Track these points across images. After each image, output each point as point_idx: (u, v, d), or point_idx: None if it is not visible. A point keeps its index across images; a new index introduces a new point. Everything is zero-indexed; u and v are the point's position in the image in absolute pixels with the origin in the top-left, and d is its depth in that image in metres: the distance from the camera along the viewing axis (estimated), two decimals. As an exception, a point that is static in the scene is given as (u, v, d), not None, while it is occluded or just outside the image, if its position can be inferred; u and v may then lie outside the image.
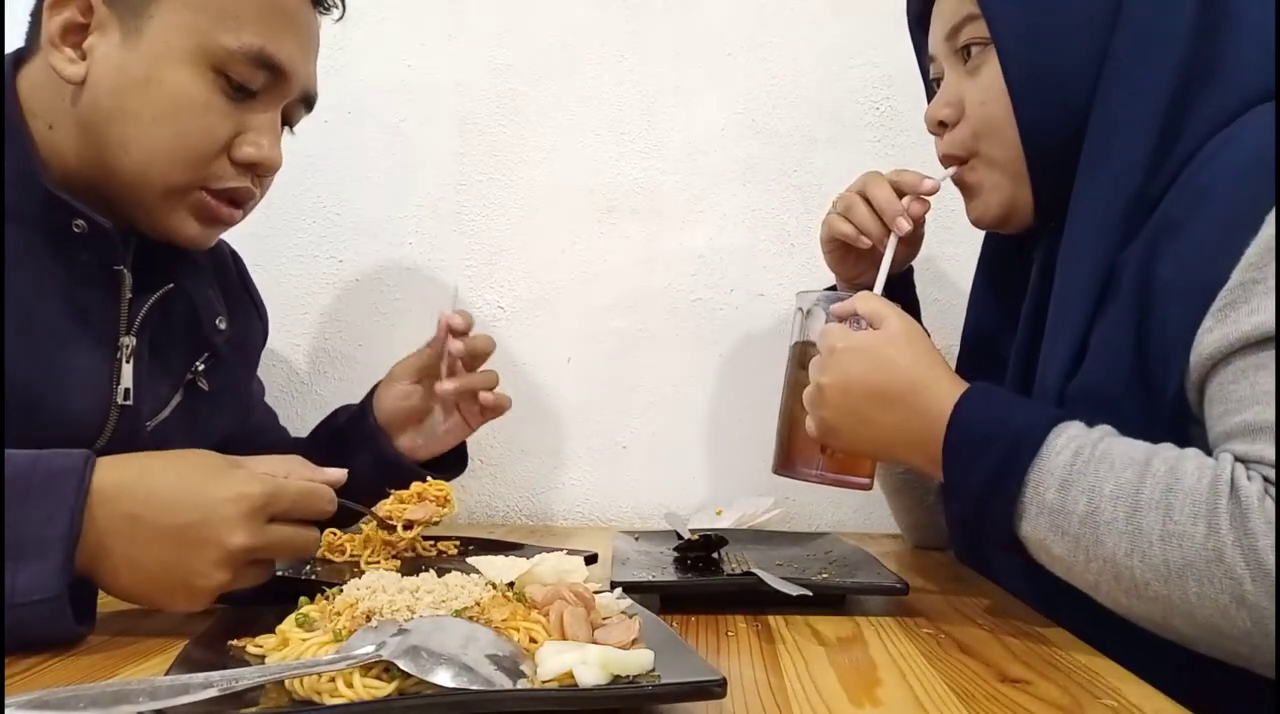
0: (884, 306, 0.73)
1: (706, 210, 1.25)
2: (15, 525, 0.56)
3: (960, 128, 0.80)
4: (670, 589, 0.75)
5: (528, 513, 1.26)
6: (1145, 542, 0.57)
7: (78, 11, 0.75)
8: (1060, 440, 0.62)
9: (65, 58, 0.75)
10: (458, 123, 1.27)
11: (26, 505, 0.57)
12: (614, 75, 1.26)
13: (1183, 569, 0.56)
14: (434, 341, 0.99)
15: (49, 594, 0.56)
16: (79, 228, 0.75)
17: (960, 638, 0.65)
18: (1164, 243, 0.66)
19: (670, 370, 1.25)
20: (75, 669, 0.54)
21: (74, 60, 0.75)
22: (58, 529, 0.57)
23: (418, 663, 0.45)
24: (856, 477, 0.82)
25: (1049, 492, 0.61)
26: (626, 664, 0.48)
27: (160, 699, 0.41)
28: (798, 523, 1.18)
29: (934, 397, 0.67)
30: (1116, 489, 0.59)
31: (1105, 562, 0.59)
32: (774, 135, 1.25)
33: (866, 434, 0.71)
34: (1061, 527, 0.61)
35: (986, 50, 0.76)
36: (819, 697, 0.52)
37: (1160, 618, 0.59)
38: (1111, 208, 0.70)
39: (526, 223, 1.27)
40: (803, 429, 0.76)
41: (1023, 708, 0.51)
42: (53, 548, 0.57)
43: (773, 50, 1.25)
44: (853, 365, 0.71)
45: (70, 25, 0.75)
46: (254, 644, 0.53)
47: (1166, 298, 0.64)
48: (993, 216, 0.82)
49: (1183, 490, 0.57)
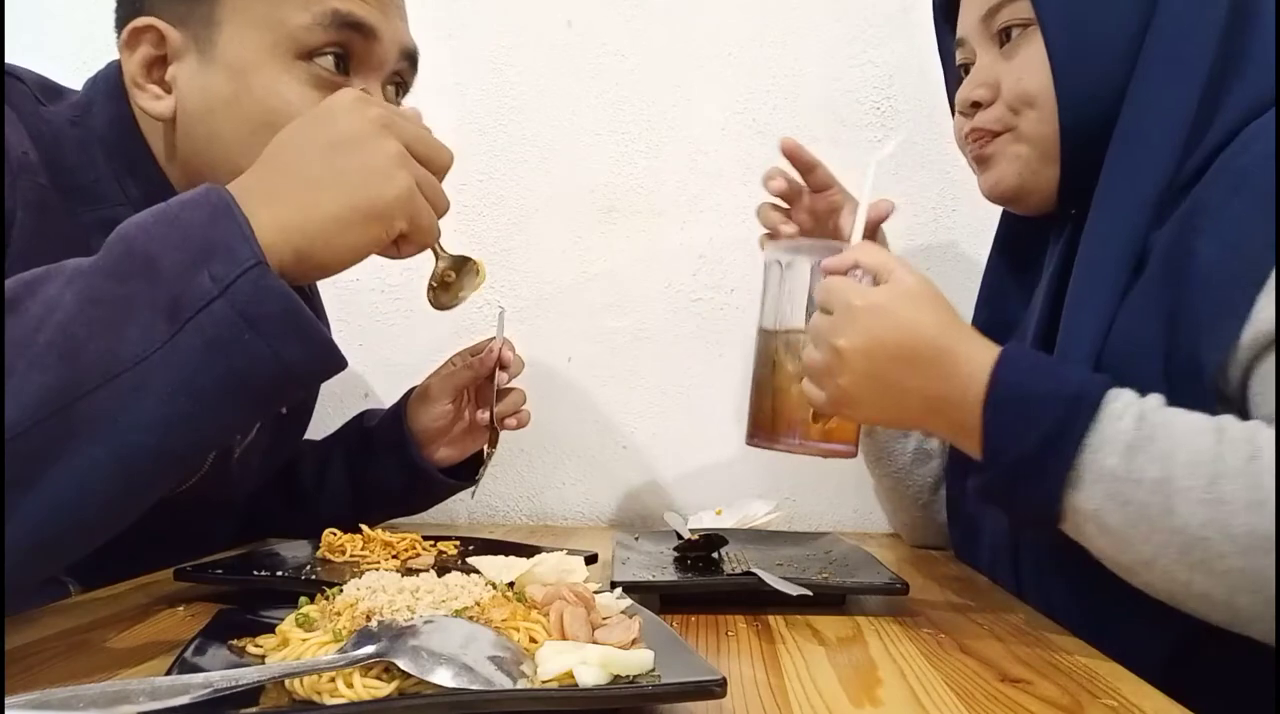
0: (891, 258, 0.67)
1: (706, 210, 1.25)
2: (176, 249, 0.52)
3: (997, 106, 0.80)
4: (670, 589, 0.75)
5: (528, 513, 1.26)
6: (1228, 511, 0.54)
7: (151, 45, 0.72)
8: (1118, 405, 0.59)
9: (151, 95, 0.72)
10: (458, 123, 1.27)
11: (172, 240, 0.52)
12: (614, 75, 1.26)
13: (1268, 539, 0.53)
14: (474, 365, 0.98)
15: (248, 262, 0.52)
16: None
17: (960, 638, 0.65)
18: (1203, 222, 0.65)
19: (670, 370, 1.25)
20: (75, 669, 0.54)
21: (160, 97, 0.72)
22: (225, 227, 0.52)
23: (418, 663, 0.45)
24: (842, 444, 0.77)
25: (1110, 458, 0.57)
26: (626, 664, 0.48)
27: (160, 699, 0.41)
28: (798, 523, 1.19)
29: (965, 358, 0.63)
30: (1192, 456, 0.55)
31: (1173, 533, 0.56)
32: (774, 135, 1.24)
33: (890, 402, 0.66)
34: (1124, 495, 0.57)
35: (1027, 32, 0.77)
36: (819, 697, 0.52)
37: (1224, 594, 0.56)
38: (1144, 188, 0.70)
39: (526, 223, 1.27)
40: (786, 395, 0.73)
41: (1023, 708, 0.51)
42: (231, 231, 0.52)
43: (773, 50, 1.25)
44: (874, 325, 0.64)
45: (149, 61, 0.72)
46: (254, 644, 0.53)
47: (1206, 276, 0.63)
48: (1006, 187, 0.81)
49: (1266, 459, 0.54)
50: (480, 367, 0.98)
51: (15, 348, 0.49)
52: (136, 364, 0.50)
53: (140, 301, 0.51)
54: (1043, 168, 0.78)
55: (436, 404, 0.98)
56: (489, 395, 0.98)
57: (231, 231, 0.53)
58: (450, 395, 0.98)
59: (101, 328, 0.50)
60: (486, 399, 0.98)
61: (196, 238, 0.52)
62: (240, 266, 0.52)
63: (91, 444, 0.49)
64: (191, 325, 0.51)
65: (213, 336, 0.51)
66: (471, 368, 0.98)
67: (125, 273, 0.52)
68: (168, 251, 0.52)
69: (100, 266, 0.52)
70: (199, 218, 0.53)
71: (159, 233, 0.53)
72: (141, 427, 0.50)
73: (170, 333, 0.50)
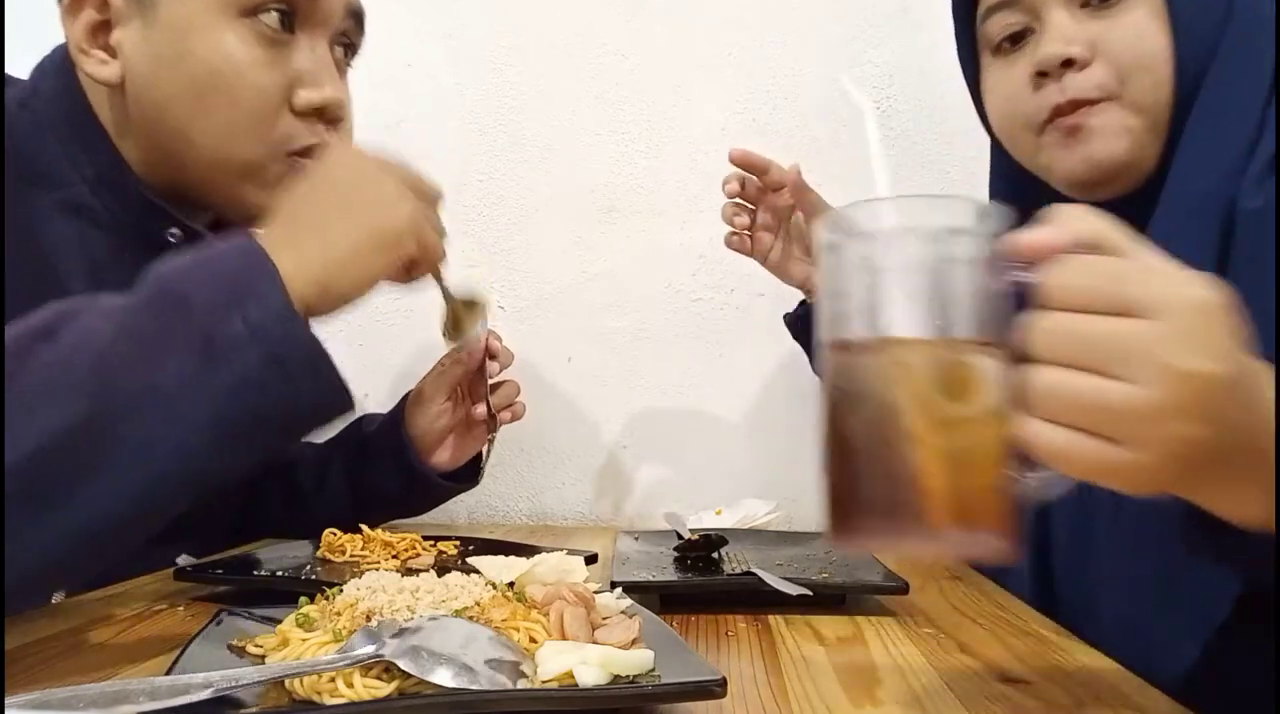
0: (1111, 225, 0.43)
1: (706, 210, 1.25)
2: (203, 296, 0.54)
3: (1096, 68, 0.70)
4: (670, 589, 0.75)
5: (528, 513, 1.26)
6: None
7: (94, 9, 0.71)
8: None
9: (96, 61, 0.72)
10: (458, 123, 1.27)
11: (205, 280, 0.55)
12: (614, 75, 1.26)
13: None
14: (463, 358, 0.98)
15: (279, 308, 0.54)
16: (174, 237, 0.74)
17: (960, 638, 0.65)
18: None
19: (670, 370, 1.25)
20: (75, 669, 0.54)
21: (105, 61, 0.72)
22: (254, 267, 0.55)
23: (418, 663, 0.45)
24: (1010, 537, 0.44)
25: None
26: (626, 664, 0.48)
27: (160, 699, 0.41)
28: (798, 523, 1.18)
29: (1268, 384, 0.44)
30: None
31: None
32: (774, 135, 1.24)
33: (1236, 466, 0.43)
34: None
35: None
36: (819, 697, 0.52)
37: None
38: (1231, 152, 0.65)
39: (526, 223, 1.27)
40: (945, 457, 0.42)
41: (1023, 708, 0.51)
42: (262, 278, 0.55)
43: (773, 50, 1.25)
44: (1227, 337, 0.41)
45: (93, 26, 0.71)
46: (254, 644, 0.53)
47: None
48: (1112, 163, 0.71)
49: None
50: (470, 360, 0.98)
51: (54, 371, 0.51)
52: (171, 395, 0.52)
53: (176, 336, 0.53)
54: (1149, 140, 0.70)
55: (432, 404, 0.98)
56: (482, 389, 0.98)
57: (263, 276, 0.55)
58: (445, 393, 0.98)
59: (137, 359, 0.52)
60: (480, 393, 0.98)
61: (229, 279, 0.55)
62: (271, 312, 0.54)
63: (122, 467, 0.51)
64: (224, 364, 0.53)
65: (242, 375, 0.53)
66: (461, 362, 0.98)
67: (159, 308, 0.54)
68: (200, 290, 0.54)
69: (135, 303, 0.54)
70: (231, 260, 0.56)
71: (193, 273, 0.55)
72: (171, 454, 0.52)
73: (204, 368, 0.52)
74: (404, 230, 0.62)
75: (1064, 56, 0.70)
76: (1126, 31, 0.69)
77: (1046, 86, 0.72)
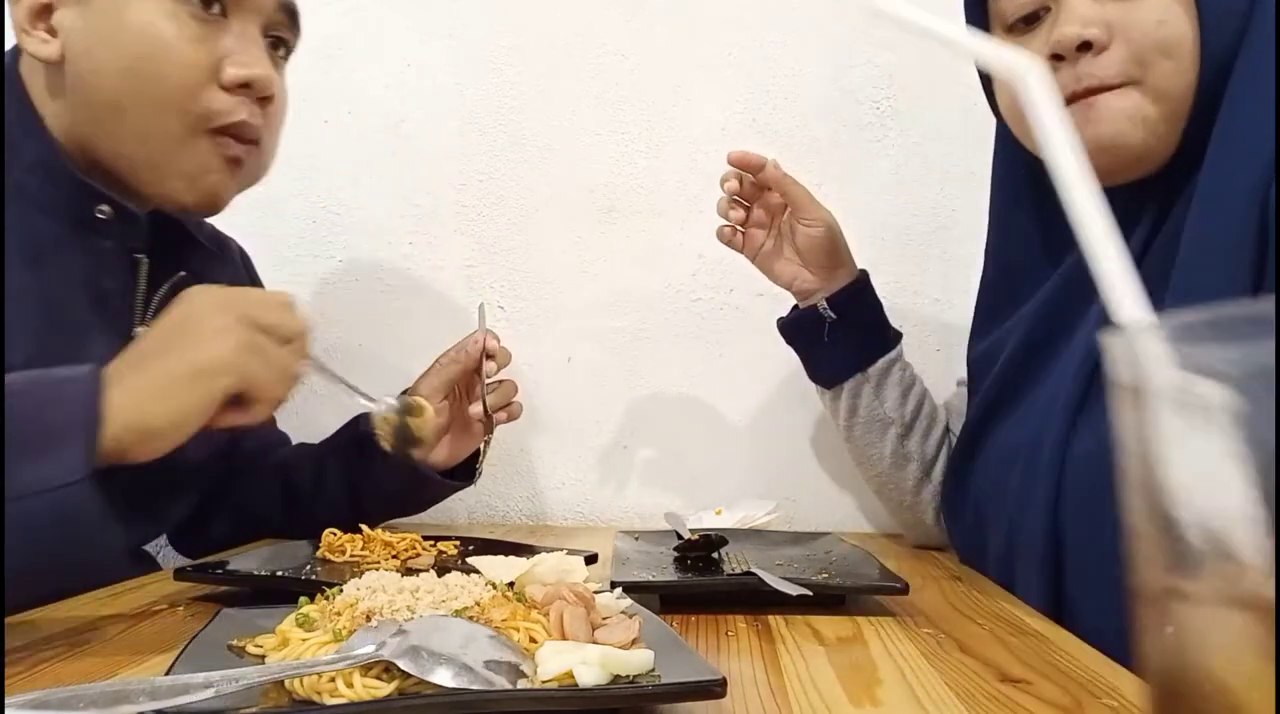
0: None
1: (706, 210, 1.24)
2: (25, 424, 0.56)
3: (1115, 50, 0.68)
4: (670, 589, 0.75)
5: (528, 513, 1.26)
6: None
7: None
8: None
9: (38, 40, 0.74)
10: (458, 123, 1.27)
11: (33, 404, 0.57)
12: (614, 75, 1.26)
13: None
14: (460, 357, 0.99)
15: (68, 479, 0.56)
16: (103, 214, 0.75)
17: (960, 638, 0.65)
18: None
19: (670, 370, 1.25)
20: (75, 669, 0.54)
21: (47, 40, 0.74)
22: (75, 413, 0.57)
23: (418, 663, 0.45)
24: None
25: None
26: (626, 664, 0.48)
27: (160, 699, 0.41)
28: (798, 523, 1.18)
29: None
30: None
31: None
32: (774, 135, 1.25)
33: None
34: None
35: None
36: (819, 697, 0.52)
37: None
38: (1262, 141, 0.63)
39: (526, 223, 1.27)
40: None
41: (1023, 708, 0.51)
42: (71, 431, 0.57)
43: (773, 50, 1.25)
44: None
45: (35, 9, 0.74)
46: (254, 644, 0.53)
47: None
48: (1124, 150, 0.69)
49: None
50: (467, 359, 0.98)
51: None
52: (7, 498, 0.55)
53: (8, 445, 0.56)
54: (1166, 129, 0.69)
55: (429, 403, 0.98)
56: (479, 389, 0.98)
57: (75, 428, 0.57)
58: (441, 392, 0.99)
59: None
60: (477, 392, 0.98)
61: (43, 419, 0.57)
62: (64, 479, 0.56)
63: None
64: (15, 503, 0.55)
65: (24, 525, 0.56)
66: (458, 361, 0.98)
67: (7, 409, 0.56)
68: (17, 421, 0.56)
69: None
70: (54, 405, 0.58)
71: (22, 400, 0.57)
72: None
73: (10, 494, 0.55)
74: (221, 365, 0.63)
75: (1081, 39, 0.68)
76: (1149, 15, 0.67)
77: (1061, 71, 0.69)
